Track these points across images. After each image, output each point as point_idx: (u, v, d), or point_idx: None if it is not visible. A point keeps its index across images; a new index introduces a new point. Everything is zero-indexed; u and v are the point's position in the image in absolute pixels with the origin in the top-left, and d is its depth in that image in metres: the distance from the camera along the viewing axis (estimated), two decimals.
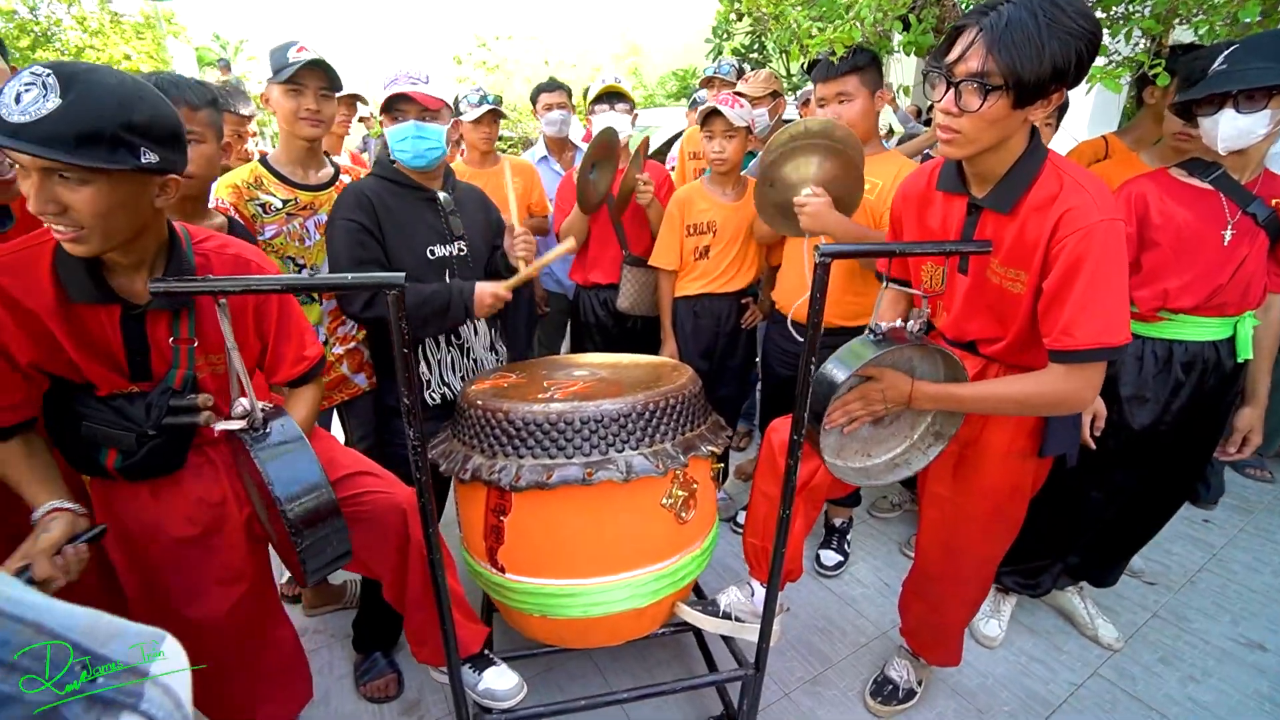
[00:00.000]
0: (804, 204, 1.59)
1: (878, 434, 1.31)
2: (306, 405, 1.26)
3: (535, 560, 1.37)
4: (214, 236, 1.15)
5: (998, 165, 1.11)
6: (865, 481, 1.31)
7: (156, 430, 1.05)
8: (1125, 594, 2.11)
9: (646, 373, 1.57)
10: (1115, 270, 1.03)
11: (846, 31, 1.52)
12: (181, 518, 1.15)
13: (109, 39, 6.57)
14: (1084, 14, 0.95)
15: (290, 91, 1.62)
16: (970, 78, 0.99)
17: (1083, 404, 1.12)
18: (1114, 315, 1.04)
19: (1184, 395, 1.57)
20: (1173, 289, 1.49)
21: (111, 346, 1.04)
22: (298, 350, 1.23)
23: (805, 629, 1.97)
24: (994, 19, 0.97)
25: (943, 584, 1.50)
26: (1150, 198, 1.49)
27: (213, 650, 1.22)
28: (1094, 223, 1.01)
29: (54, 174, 0.86)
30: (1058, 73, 0.96)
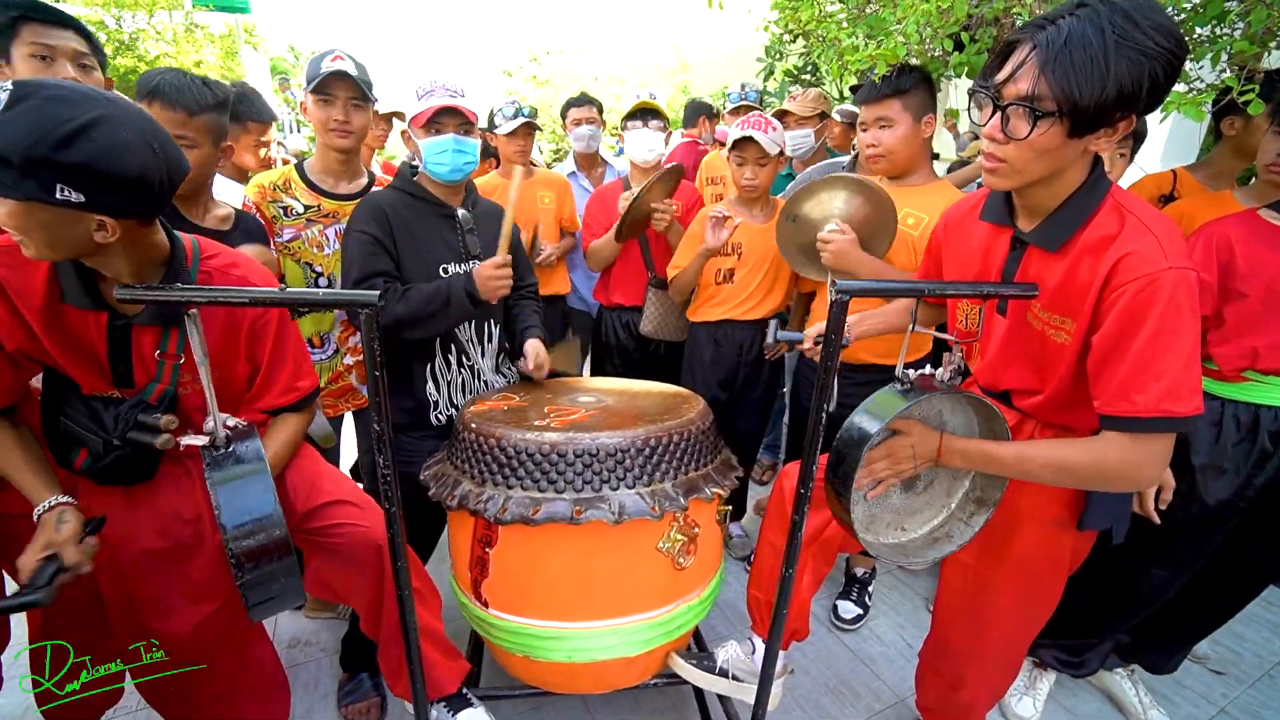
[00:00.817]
0: (828, 240, 1.48)
1: (910, 503, 1.17)
2: (287, 432, 1.20)
3: (519, 598, 1.29)
4: (224, 254, 1.13)
5: (1050, 198, 0.97)
6: (905, 561, 1.15)
7: (121, 442, 1.02)
8: (1187, 683, 1.87)
9: (656, 403, 1.48)
10: (1185, 327, 0.87)
11: (891, 49, 1.40)
12: (152, 529, 1.12)
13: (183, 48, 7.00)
14: (1164, 29, 0.81)
15: (321, 101, 1.62)
16: (1019, 101, 0.86)
17: (1141, 482, 0.97)
18: (1182, 379, 0.88)
19: (1271, 468, 1.37)
20: (1262, 346, 1.31)
21: (96, 351, 1.03)
22: (290, 379, 1.19)
23: (815, 687, 1.81)
24: (1051, 34, 0.84)
25: (963, 662, 1.33)
26: (1236, 242, 1.32)
27: (184, 665, 1.18)
28: (1160, 270, 0.86)
29: None
30: (1124, 98, 0.82)
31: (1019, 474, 1.03)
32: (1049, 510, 1.16)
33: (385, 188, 1.61)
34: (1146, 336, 0.88)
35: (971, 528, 1.13)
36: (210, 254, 1.10)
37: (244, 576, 0.90)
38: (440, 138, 1.49)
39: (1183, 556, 1.47)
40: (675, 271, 2.08)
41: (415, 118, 1.51)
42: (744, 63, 7.57)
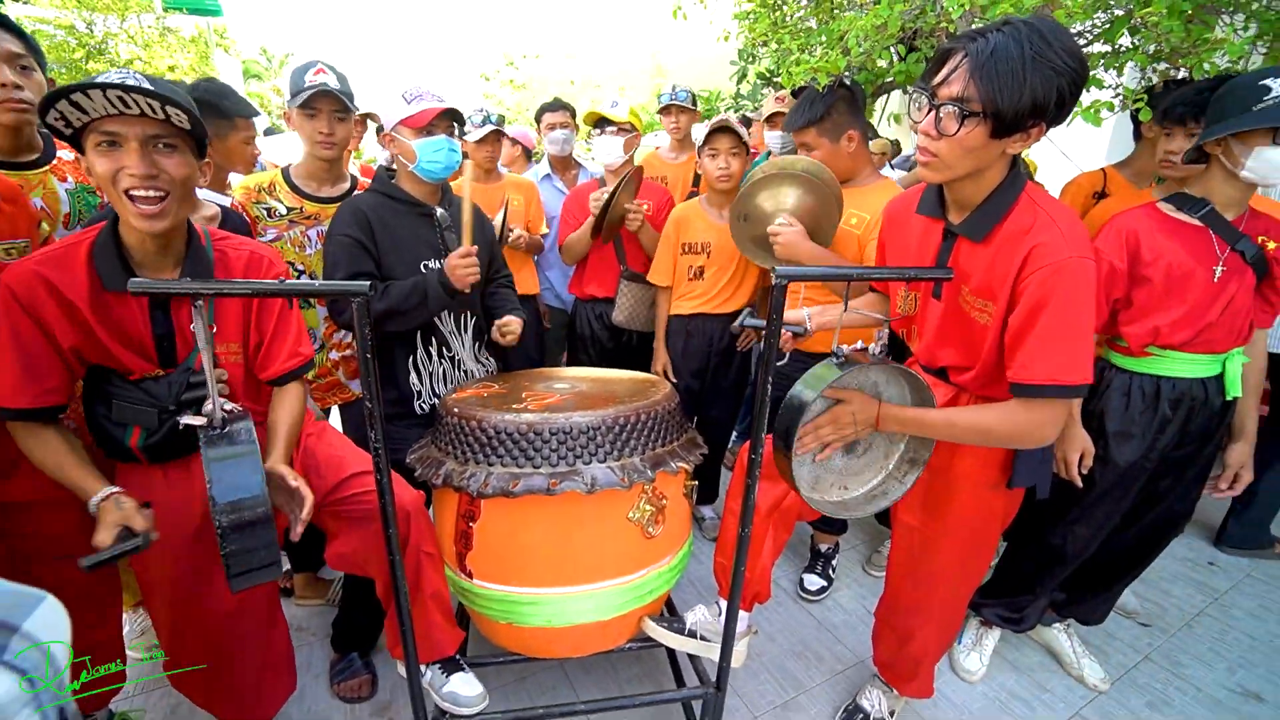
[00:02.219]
0: (777, 233, 1.61)
1: (852, 465, 1.31)
2: (294, 400, 1.31)
3: (501, 567, 1.39)
4: (231, 237, 1.25)
5: (975, 193, 1.11)
6: (844, 514, 1.30)
7: (177, 406, 1.13)
8: (1117, 634, 2.05)
9: (627, 388, 1.60)
10: (1081, 309, 1.03)
11: (831, 61, 1.54)
12: (191, 509, 1.21)
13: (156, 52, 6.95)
14: (1071, 52, 0.94)
15: (306, 115, 1.71)
16: (951, 101, 0.99)
17: (1040, 440, 1.11)
18: (1075, 354, 1.04)
19: (1171, 432, 1.54)
20: (1163, 326, 1.47)
21: (141, 333, 1.13)
22: (294, 346, 1.30)
23: (782, 653, 1.95)
24: (981, 45, 0.97)
25: (913, 615, 1.48)
26: (1142, 233, 1.48)
27: (228, 640, 1.28)
28: (1063, 259, 1.01)
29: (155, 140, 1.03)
30: (1037, 108, 0.95)
31: (946, 436, 1.17)
32: (983, 474, 1.30)
33: (365, 191, 1.70)
34: (1049, 316, 1.02)
35: (904, 485, 1.28)
36: (218, 237, 1.22)
37: (228, 547, 0.98)
38: (435, 138, 1.58)
39: (1101, 515, 1.63)
40: (658, 275, 2.20)
41: (409, 120, 1.57)
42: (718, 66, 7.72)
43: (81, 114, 0.95)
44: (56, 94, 0.92)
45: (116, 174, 1.00)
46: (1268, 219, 1.44)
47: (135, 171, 0.99)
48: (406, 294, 1.56)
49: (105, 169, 0.99)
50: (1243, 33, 1.46)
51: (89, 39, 6.46)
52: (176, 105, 0.99)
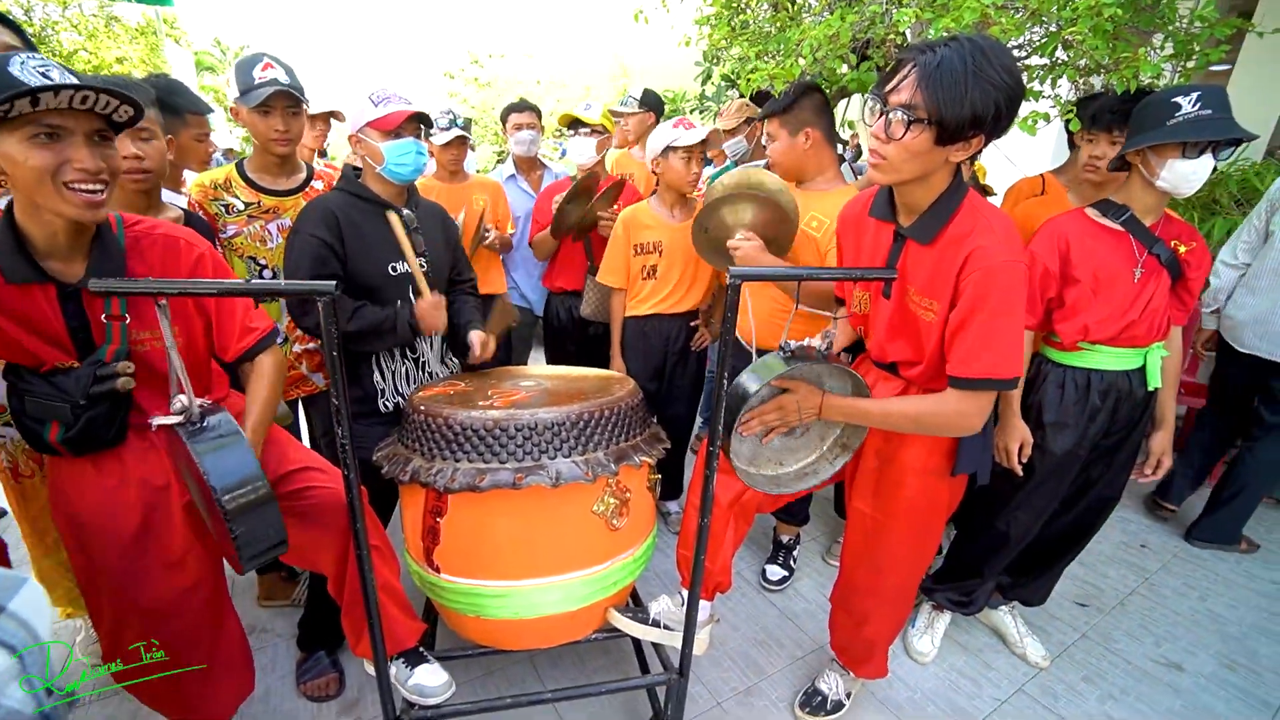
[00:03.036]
0: (736, 248, 1.68)
1: (789, 444, 1.39)
2: (264, 377, 1.29)
3: (469, 561, 1.42)
4: (143, 220, 1.21)
5: (922, 198, 1.19)
6: (776, 489, 1.39)
7: (87, 400, 1.09)
8: (1058, 614, 2.18)
9: (592, 385, 1.63)
10: (1013, 309, 1.11)
11: (787, 68, 1.61)
12: (125, 500, 1.19)
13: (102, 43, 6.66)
14: (1008, 70, 1.02)
15: (259, 113, 1.69)
16: (900, 108, 1.06)
17: (969, 429, 1.20)
18: (1008, 350, 1.13)
19: (1100, 421, 1.65)
20: (1091, 323, 1.58)
21: (53, 325, 1.10)
22: (242, 322, 1.27)
23: (744, 641, 2.01)
24: (929, 58, 1.04)
25: (866, 599, 1.55)
26: (1072, 238, 1.58)
27: (169, 639, 1.26)
28: (998, 263, 1.09)
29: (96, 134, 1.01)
30: (976, 119, 1.03)
31: (882, 424, 1.26)
32: (929, 462, 1.39)
33: (331, 190, 1.69)
34: (985, 315, 1.11)
35: (834, 466, 1.38)
36: (131, 222, 1.18)
37: (238, 530, 0.99)
38: (403, 141, 1.58)
39: (1040, 501, 1.74)
40: (609, 276, 2.25)
41: (376, 122, 1.56)
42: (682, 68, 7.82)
43: (30, 107, 0.93)
44: (19, 93, 0.90)
45: (60, 166, 0.97)
46: (1180, 224, 1.56)
47: (86, 166, 0.98)
48: (376, 324, 1.60)
49: (44, 161, 0.96)
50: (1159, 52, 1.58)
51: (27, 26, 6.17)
52: (130, 102, 0.99)
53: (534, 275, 2.89)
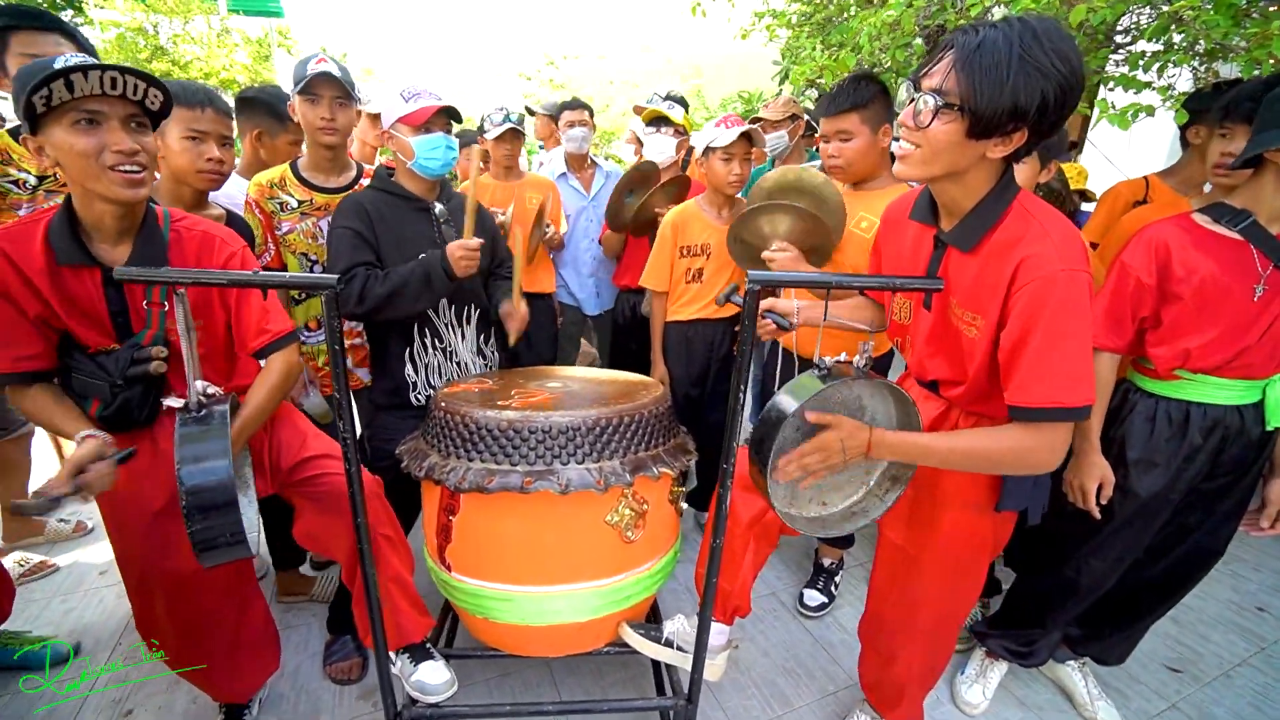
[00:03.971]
0: (772, 258, 1.56)
1: (832, 480, 1.25)
2: (266, 379, 1.33)
3: (477, 562, 1.40)
4: (189, 217, 1.29)
5: (963, 199, 1.05)
6: (821, 532, 1.24)
7: (124, 381, 1.17)
8: (1142, 678, 1.91)
9: (615, 390, 1.58)
10: (1075, 325, 0.95)
11: (840, 60, 1.48)
12: (156, 478, 1.26)
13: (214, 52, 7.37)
14: (1063, 55, 0.87)
15: (308, 101, 1.75)
16: (930, 93, 0.94)
17: (1046, 466, 1.04)
18: (1074, 373, 0.97)
19: (1200, 462, 1.42)
20: (1194, 348, 1.36)
21: (97, 308, 1.18)
22: (259, 322, 1.32)
23: (773, 668, 1.89)
24: (970, 39, 0.91)
25: (895, 636, 1.41)
26: (1173, 246, 1.36)
27: (192, 604, 1.33)
28: (1053, 272, 0.94)
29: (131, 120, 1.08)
30: (1018, 110, 0.89)
31: (946, 463, 1.10)
32: (969, 494, 1.23)
33: (365, 189, 1.73)
34: (1041, 334, 0.96)
35: (885, 504, 1.21)
36: (178, 218, 1.27)
37: (192, 526, 1.00)
38: (433, 135, 1.61)
39: (1119, 548, 1.52)
40: (650, 279, 2.18)
41: (407, 118, 1.60)
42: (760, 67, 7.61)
43: (68, 92, 0.99)
44: (54, 74, 0.97)
45: (101, 150, 1.04)
46: None
47: (122, 148, 1.05)
48: (407, 276, 1.58)
49: (87, 145, 1.04)
50: None
51: (154, 40, 6.93)
52: (158, 87, 1.05)
53: (583, 274, 2.87)
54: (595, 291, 2.89)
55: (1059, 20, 0.90)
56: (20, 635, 1.79)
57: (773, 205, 1.64)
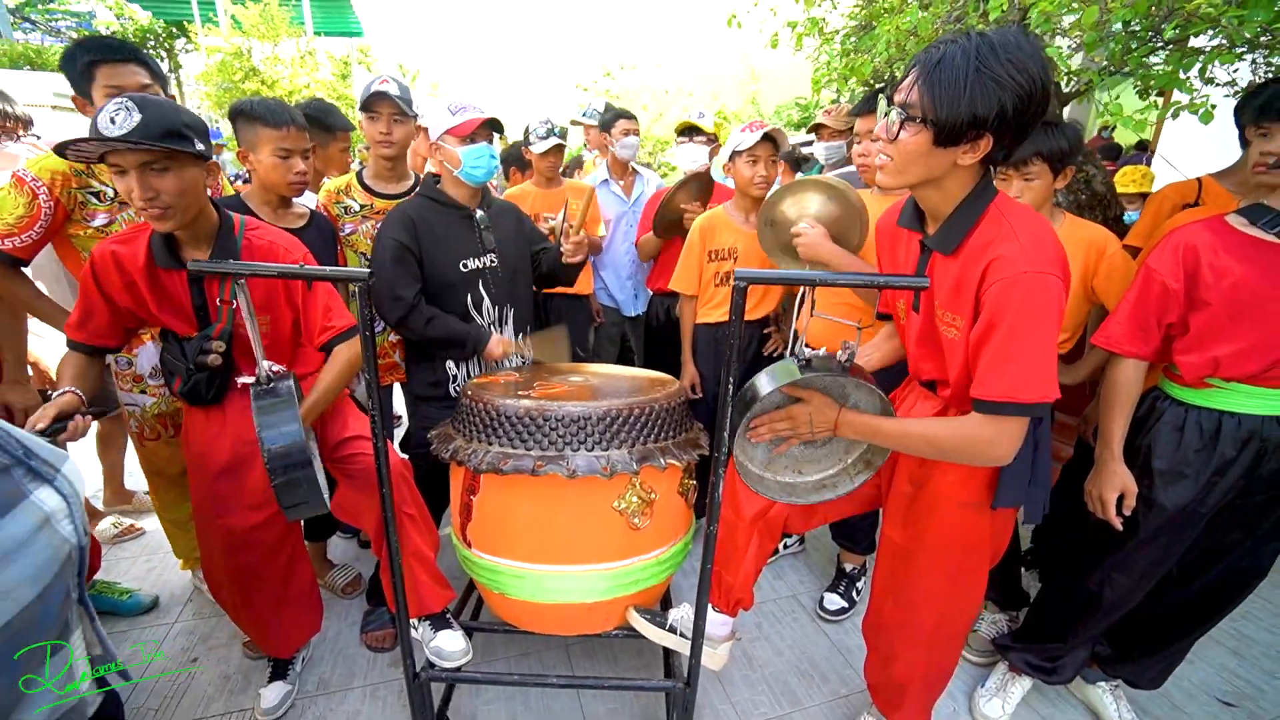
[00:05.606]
0: (799, 234, 1.60)
1: (811, 453, 1.30)
2: (336, 364, 1.51)
3: (495, 539, 1.50)
4: (260, 226, 1.47)
5: (942, 204, 1.08)
6: (790, 498, 1.31)
7: (194, 366, 1.36)
8: (1187, 708, 1.80)
9: (631, 385, 1.65)
10: (1038, 326, 0.98)
11: (859, 65, 1.51)
12: (225, 445, 1.46)
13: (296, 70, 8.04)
14: (1020, 66, 0.91)
15: (369, 118, 1.94)
16: (899, 106, 1.00)
17: (995, 458, 1.06)
18: (1031, 370, 0.99)
19: (1234, 475, 1.35)
20: (1224, 356, 1.30)
21: (183, 302, 1.39)
22: (323, 319, 1.50)
23: (786, 668, 1.91)
24: (932, 54, 0.97)
25: (894, 635, 1.41)
26: (1202, 250, 1.31)
27: (245, 556, 1.52)
28: (1017, 274, 0.97)
29: (147, 167, 1.21)
30: (977, 120, 0.93)
31: (899, 446, 1.15)
32: (965, 491, 1.24)
33: (413, 197, 1.88)
34: (1004, 331, 0.99)
35: (854, 483, 1.28)
36: (251, 227, 1.45)
37: (276, 480, 1.18)
38: (478, 145, 1.75)
39: (1144, 563, 1.46)
40: (679, 283, 2.25)
41: (454, 129, 1.73)
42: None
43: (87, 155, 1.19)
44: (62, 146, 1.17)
45: (129, 193, 1.23)
46: None
47: (137, 195, 1.22)
48: (449, 336, 1.77)
49: (122, 188, 1.23)
50: None
51: (248, 62, 7.65)
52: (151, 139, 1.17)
53: (622, 275, 2.97)
54: (634, 294, 2.99)
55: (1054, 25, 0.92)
56: (112, 585, 2.05)
57: (800, 184, 1.69)
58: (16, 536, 0.61)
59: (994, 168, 1.05)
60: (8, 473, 0.63)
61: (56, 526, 0.66)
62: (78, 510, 0.69)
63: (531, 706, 1.72)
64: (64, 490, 0.68)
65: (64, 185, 1.60)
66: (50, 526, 0.65)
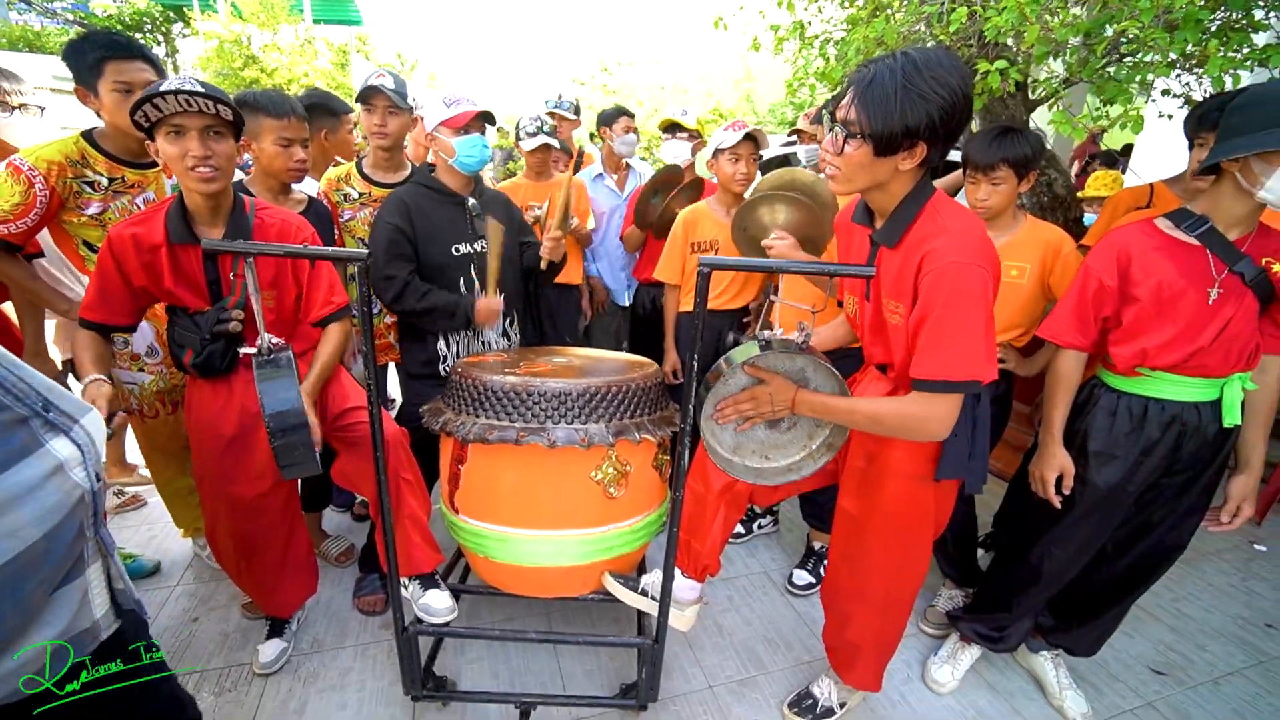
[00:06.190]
0: (771, 246, 1.72)
1: (777, 439, 1.41)
2: (331, 339, 1.62)
3: (480, 506, 1.61)
4: (270, 207, 1.58)
5: (886, 203, 1.20)
6: (758, 481, 1.42)
7: (210, 336, 1.45)
8: (1122, 676, 1.94)
9: (612, 366, 1.76)
10: (966, 310, 1.09)
11: (828, 71, 1.62)
12: (231, 417, 1.55)
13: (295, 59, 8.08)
14: (942, 81, 1.03)
15: (366, 110, 2.04)
16: (840, 123, 1.11)
17: (933, 434, 1.17)
18: (963, 352, 1.10)
19: (1158, 456, 1.48)
20: (1151, 347, 1.43)
21: (198, 276, 1.48)
22: (326, 295, 1.61)
23: (754, 636, 2.03)
24: (864, 74, 1.08)
25: (848, 601, 1.53)
26: (1133, 250, 1.43)
27: (249, 523, 1.62)
28: (946, 264, 1.08)
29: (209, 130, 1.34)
30: (909, 131, 1.05)
31: (848, 422, 1.26)
32: (911, 465, 1.35)
33: (408, 184, 1.98)
34: (935, 316, 1.10)
35: (816, 465, 1.39)
36: (261, 207, 1.55)
37: (276, 441, 1.28)
38: (471, 136, 1.85)
39: (1080, 537, 1.58)
40: (664, 273, 2.36)
41: (448, 121, 1.82)
42: None
43: (158, 111, 1.28)
44: (142, 99, 1.26)
45: (184, 155, 1.33)
46: (1279, 238, 1.35)
47: (196, 153, 1.32)
48: (440, 308, 1.88)
49: (175, 151, 1.32)
50: None
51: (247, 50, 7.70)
52: (225, 104, 1.31)
53: (615, 267, 3.09)
54: (627, 284, 3.11)
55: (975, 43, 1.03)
56: None
57: (772, 195, 1.80)
58: (27, 482, 0.67)
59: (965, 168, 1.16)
60: (26, 424, 0.69)
61: (69, 473, 0.72)
62: (91, 458, 0.75)
63: (512, 665, 1.83)
64: (79, 440, 0.74)
65: (59, 175, 1.66)
66: (63, 473, 0.71)
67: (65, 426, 0.73)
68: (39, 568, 0.71)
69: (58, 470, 0.71)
